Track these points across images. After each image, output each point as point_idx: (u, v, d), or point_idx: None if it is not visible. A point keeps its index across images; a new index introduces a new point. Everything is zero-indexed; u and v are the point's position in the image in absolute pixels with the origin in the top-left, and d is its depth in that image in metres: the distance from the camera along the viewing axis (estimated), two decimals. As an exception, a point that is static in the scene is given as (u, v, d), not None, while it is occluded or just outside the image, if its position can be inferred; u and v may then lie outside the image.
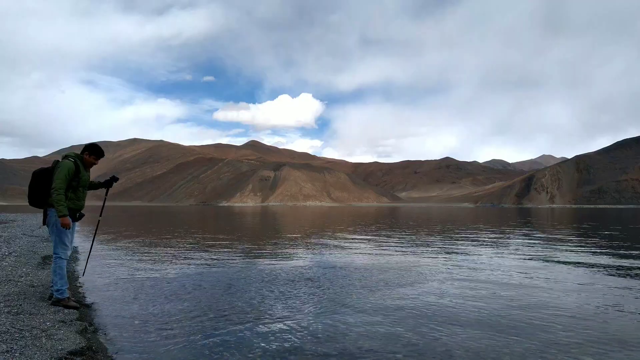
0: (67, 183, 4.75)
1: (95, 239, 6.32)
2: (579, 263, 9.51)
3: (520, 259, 10.27)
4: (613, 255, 11.02)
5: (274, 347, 3.98)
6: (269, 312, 5.21)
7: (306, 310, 5.29)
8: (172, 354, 3.75)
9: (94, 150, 5.08)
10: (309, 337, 4.25)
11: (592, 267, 8.86)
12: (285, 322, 4.78)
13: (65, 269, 4.84)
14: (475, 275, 7.86)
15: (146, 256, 10.44)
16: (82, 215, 5.16)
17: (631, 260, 9.91)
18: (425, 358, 3.76)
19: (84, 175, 4.95)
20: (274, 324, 4.69)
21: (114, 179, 5.52)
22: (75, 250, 11.23)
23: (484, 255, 10.92)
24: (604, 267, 8.85)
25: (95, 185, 5.50)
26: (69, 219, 4.75)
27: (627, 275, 7.92)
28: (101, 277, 7.44)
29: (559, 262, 9.70)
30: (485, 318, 4.99)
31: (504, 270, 8.52)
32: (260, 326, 4.62)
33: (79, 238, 15.60)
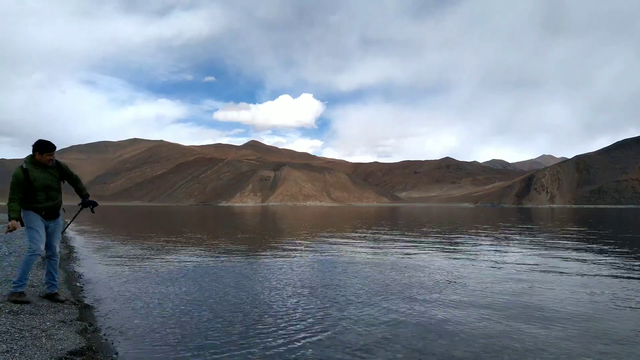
0: (17, 191, 4.72)
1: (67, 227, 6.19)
2: (579, 263, 9.50)
3: (521, 259, 10.26)
4: (614, 255, 11.01)
5: (274, 348, 3.99)
6: (269, 313, 5.21)
7: (307, 313, 5.29)
8: (172, 354, 3.75)
9: (39, 148, 4.84)
10: (309, 339, 4.26)
11: (593, 267, 8.85)
12: (286, 323, 4.78)
13: (32, 265, 4.80)
14: (476, 276, 7.86)
15: (146, 256, 10.43)
16: (53, 214, 5.01)
17: (632, 261, 9.89)
18: (426, 358, 3.79)
19: (36, 178, 4.79)
20: (274, 326, 4.69)
21: (93, 204, 5.43)
22: (72, 251, 11.23)
23: (484, 256, 10.91)
24: (605, 267, 8.84)
25: (80, 192, 5.37)
26: (15, 223, 4.71)
27: (628, 275, 7.92)
28: (101, 277, 7.43)
29: (559, 262, 9.69)
30: (485, 318, 4.99)
31: (504, 270, 8.52)
32: (260, 327, 4.61)
33: (77, 234, 15.61)
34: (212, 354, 3.78)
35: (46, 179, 4.90)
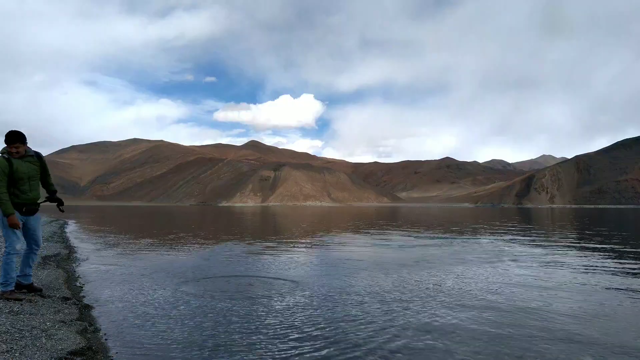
0: (4, 182, 4.62)
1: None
2: (579, 263, 9.50)
3: (521, 258, 10.26)
4: (613, 255, 11.01)
5: (274, 346, 3.99)
6: (269, 312, 5.21)
7: (309, 312, 5.29)
8: (172, 354, 3.75)
9: (6, 139, 4.72)
10: (309, 338, 4.26)
11: (593, 267, 8.85)
12: (288, 324, 4.78)
13: (13, 263, 4.77)
14: (476, 277, 7.86)
15: (147, 257, 10.44)
16: (32, 209, 4.96)
17: (632, 261, 9.90)
18: (426, 358, 3.80)
19: (18, 168, 4.70)
20: (276, 326, 4.69)
21: (60, 202, 5.45)
22: (72, 251, 11.23)
23: (484, 256, 10.91)
24: (605, 267, 8.84)
25: (49, 187, 5.33)
26: (15, 218, 4.68)
27: (628, 275, 7.92)
28: (101, 277, 7.44)
29: (559, 262, 9.69)
30: (485, 318, 4.99)
31: (505, 270, 8.52)
32: (261, 326, 4.62)
33: (77, 234, 15.61)
34: (212, 354, 3.77)
35: (28, 169, 4.84)
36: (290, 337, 4.27)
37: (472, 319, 4.95)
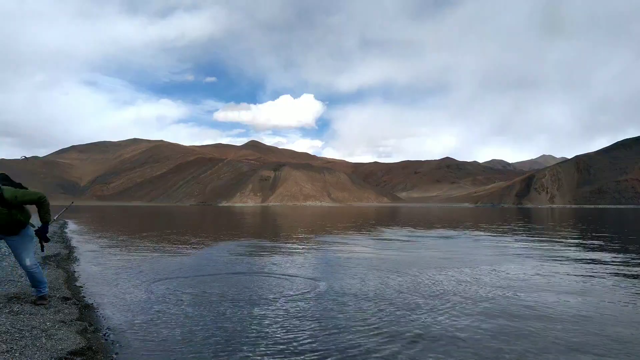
0: None
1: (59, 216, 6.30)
2: (579, 263, 9.50)
3: (521, 258, 10.26)
4: (613, 255, 11.00)
5: (274, 346, 4.00)
6: (271, 313, 5.21)
7: (308, 312, 5.29)
8: (172, 354, 3.76)
9: None
10: (308, 334, 4.24)
11: (593, 267, 8.85)
12: (287, 324, 4.78)
13: None
14: (476, 277, 7.85)
15: (146, 257, 10.43)
16: (7, 230, 4.54)
17: (631, 261, 9.89)
18: (426, 357, 3.81)
19: None
20: (276, 325, 4.69)
21: (43, 238, 4.83)
22: (72, 251, 11.24)
23: (485, 257, 10.90)
24: (605, 267, 8.84)
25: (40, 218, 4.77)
26: None
27: (627, 275, 7.91)
28: (101, 277, 7.45)
29: (558, 262, 9.69)
30: (485, 318, 4.99)
31: (505, 270, 8.51)
32: (263, 327, 4.62)
33: (77, 234, 15.62)
34: (213, 354, 3.78)
35: None
36: (294, 338, 4.26)
37: (471, 318, 4.94)
